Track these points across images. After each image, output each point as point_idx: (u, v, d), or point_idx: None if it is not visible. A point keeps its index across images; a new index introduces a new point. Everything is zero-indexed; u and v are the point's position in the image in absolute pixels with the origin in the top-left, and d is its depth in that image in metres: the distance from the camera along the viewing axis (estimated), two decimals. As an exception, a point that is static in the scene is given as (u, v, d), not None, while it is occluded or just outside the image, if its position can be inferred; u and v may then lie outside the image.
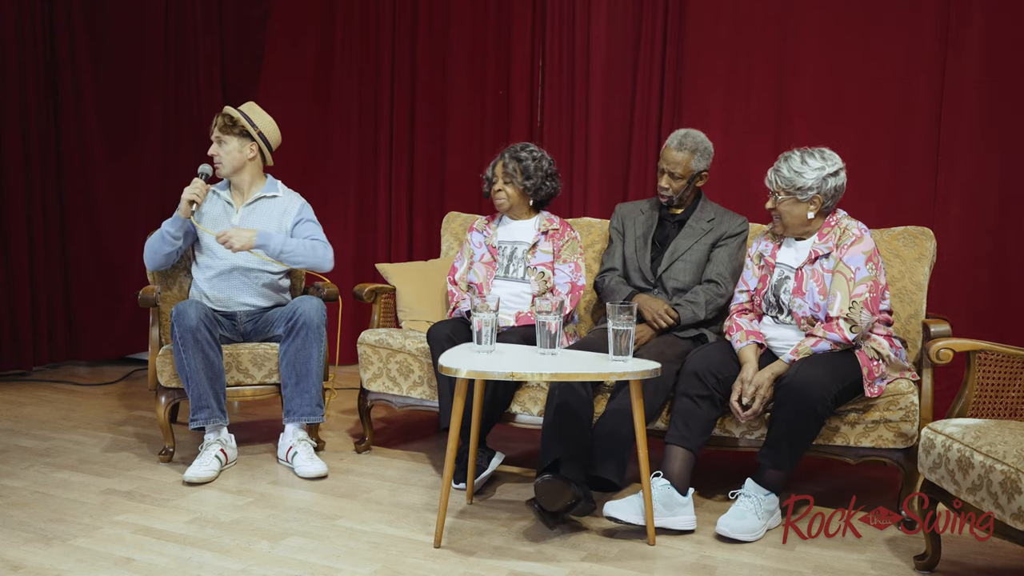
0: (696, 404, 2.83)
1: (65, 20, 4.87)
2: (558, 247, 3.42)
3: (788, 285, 2.91)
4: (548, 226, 3.45)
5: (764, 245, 3.04)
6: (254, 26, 5.41)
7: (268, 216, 3.51)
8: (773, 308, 2.96)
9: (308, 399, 3.32)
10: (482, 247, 3.52)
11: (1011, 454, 2.12)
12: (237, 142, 3.45)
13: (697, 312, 3.19)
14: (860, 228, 2.86)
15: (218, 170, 3.48)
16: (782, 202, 2.87)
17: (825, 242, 2.86)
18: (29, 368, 4.84)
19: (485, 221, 3.60)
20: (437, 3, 4.98)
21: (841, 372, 2.74)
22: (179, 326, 3.19)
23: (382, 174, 5.16)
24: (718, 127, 4.23)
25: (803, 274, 2.87)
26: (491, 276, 3.45)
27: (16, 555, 2.51)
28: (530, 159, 3.41)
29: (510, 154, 3.44)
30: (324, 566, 2.48)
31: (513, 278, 3.43)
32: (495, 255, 3.48)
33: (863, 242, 2.82)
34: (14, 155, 4.69)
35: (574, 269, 3.40)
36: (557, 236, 3.44)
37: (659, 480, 2.75)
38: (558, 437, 2.84)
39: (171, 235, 3.41)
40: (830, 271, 2.83)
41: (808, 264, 2.87)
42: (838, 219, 2.90)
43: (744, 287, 3.08)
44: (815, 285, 2.84)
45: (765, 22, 4.16)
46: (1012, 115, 3.76)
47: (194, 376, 3.21)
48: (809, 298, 2.84)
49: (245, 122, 3.44)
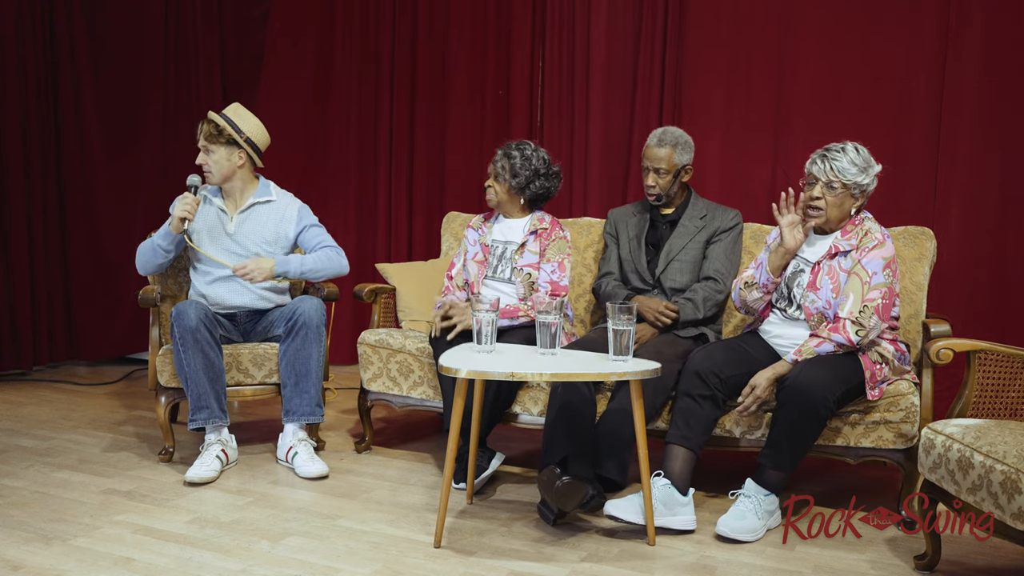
0: (698, 404, 2.82)
1: (65, 20, 4.87)
2: (544, 246, 3.40)
3: (803, 279, 2.90)
4: (538, 225, 3.43)
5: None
6: (254, 26, 5.40)
7: (264, 223, 3.47)
8: (783, 299, 2.95)
9: (307, 399, 3.32)
10: (476, 245, 3.52)
11: (1011, 454, 2.12)
12: (225, 150, 3.39)
13: (696, 309, 3.19)
14: (883, 233, 2.84)
15: (208, 179, 3.44)
16: (837, 194, 2.82)
17: (848, 239, 2.84)
18: (29, 368, 4.85)
19: (482, 219, 3.60)
20: (437, 3, 4.97)
21: (844, 374, 2.73)
22: (179, 326, 3.18)
23: (382, 174, 5.16)
24: (718, 127, 4.23)
25: (819, 269, 2.86)
26: (482, 275, 3.45)
27: (16, 555, 2.51)
28: (519, 157, 3.38)
29: (503, 151, 3.42)
30: (324, 566, 2.48)
31: (500, 278, 3.41)
32: (487, 254, 3.48)
33: (884, 248, 2.80)
34: (14, 155, 4.69)
35: (556, 269, 3.36)
36: (545, 235, 3.42)
37: (660, 480, 2.75)
38: (565, 435, 2.84)
39: (163, 248, 3.39)
40: (847, 271, 2.82)
41: (826, 259, 2.86)
42: (862, 219, 2.88)
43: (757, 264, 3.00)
44: (829, 282, 2.83)
45: (765, 22, 4.15)
46: (1012, 115, 3.76)
47: (194, 376, 3.20)
48: (822, 294, 2.84)
49: (231, 130, 3.38)
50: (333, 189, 5.23)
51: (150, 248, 3.41)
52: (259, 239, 3.46)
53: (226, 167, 3.41)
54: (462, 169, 4.96)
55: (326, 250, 3.46)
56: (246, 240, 3.45)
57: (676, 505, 2.73)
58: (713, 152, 4.17)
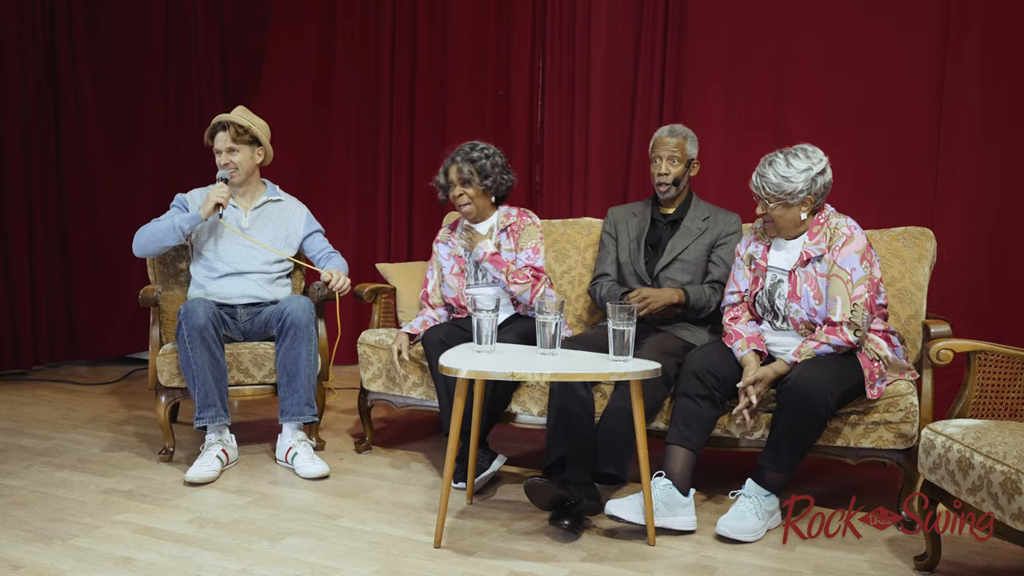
0: (696, 404, 2.82)
1: (65, 20, 4.87)
2: (516, 239, 3.39)
3: (782, 289, 2.90)
4: (506, 222, 3.40)
5: (754, 247, 3.00)
6: (254, 26, 5.40)
7: (277, 221, 3.61)
8: (769, 313, 2.95)
9: (298, 399, 3.34)
10: (450, 259, 3.48)
11: (1011, 455, 2.12)
12: (249, 150, 3.53)
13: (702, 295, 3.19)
14: (850, 226, 2.82)
15: (233, 178, 3.52)
16: (774, 208, 2.84)
17: (816, 243, 2.84)
18: (29, 368, 4.85)
19: (447, 231, 3.55)
20: (437, 3, 4.98)
21: (843, 375, 2.73)
22: (187, 324, 3.20)
23: (382, 174, 5.16)
24: (718, 127, 4.24)
25: (796, 277, 2.86)
26: (463, 287, 3.42)
27: (16, 555, 2.51)
28: (483, 157, 3.34)
29: (462, 156, 3.35)
30: (324, 566, 2.48)
31: (484, 284, 3.39)
32: (463, 265, 3.45)
33: (855, 241, 2.79)
34: (14, 155, 4.69)
35: (531, 253, 3.34)
36: (515, 228, 3.40)
37: (661, 480, 2.74)
38: (562, 439, 2.85)
39: (183, 232, 3.44)
40: (824, 275, 2.81)
41: (800, 266, 2.86)
42: (827, 216, 2.87)
43: (735, 288, 3.05)
44: (809, 289, 2.83)
45: (765, 22, 4.16)
46: (1012, 115, 3.76)
47: (200, 375, 3.22)
48: (805, 302, 2.84)
49: (257, 130, 3.52)
50: (333, 189, 5.23)
51: (167, 228, 3.44)
52: (271, 236, 3.58)
53: (250, 165, 3.56)
54: (462, 169, 4.96)
55: (339, 257, 3.67)
56: (259, 236, 3.55)
57: (677, 505, 2.73)
58: (713, 152, 4.16)
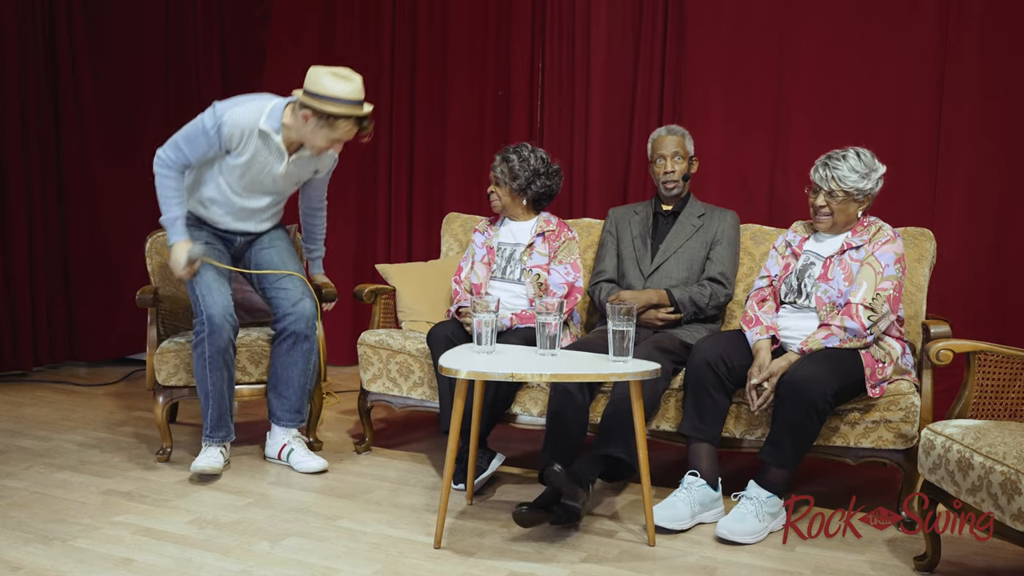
0: (709, 395, 2.87)
1: (65, 20, 4.87)
2: (554, 248, 3.42)
3: (814, 271, 2.94)
4: (545, 227, 3.45)
5: (792, 236, 3.07)
6: (254, 26, 5.40)
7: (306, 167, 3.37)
8: (793, 292, 2.97)
9: (288, 405, 3.36)
10: (483, 248, 3.54)
11: (1011, 455, 2.12)
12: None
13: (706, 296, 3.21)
14: (894, 232, 2.91)
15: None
16: (840, 201, 2.88)
17: (859, 236, 2.90)
18: (29, 368, 4.84)
19: (488, 222, 3.62)
20: (437, 3, 4.97)
21: (842, 369, 2.74)
22: (211, 345, 3.15)
23: (382, 175, 5.16)
24: (718, 127, 4.23)
25: (831, 262, 2.91)
26: (488, 277, 3.45)
27: (16, 555, 2.51)
28: (517, 159, 3.41)
29: (500, 156, 3.47)
30: (324, 566, 2.48)
31: (510, 279, 3.43)
32: (493, 257, 3.49)
33: (895, 243, 2.87)
34: (14, 155, 4.68)
35: (570, 270, 3.39)
36: (553, 237, 3.44)
37: (696, 480, 2.81)
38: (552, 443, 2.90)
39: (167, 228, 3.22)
40: (859, 261, 2.87)
41: (838, 255, 2.91)
42: (872, 220, 2.95)
43: (766, 273, 3.09)
44: (841, 272, 2.87)
45: (765, 22, 4.15)
46: (1012, 115, 3.76)
47: (216, 395, 3.21)
48: (835, 284, 2.87)
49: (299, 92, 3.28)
50: (333, 189, 5.18)
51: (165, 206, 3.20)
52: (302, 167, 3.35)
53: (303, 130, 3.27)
54: (462, 169, 4.96)
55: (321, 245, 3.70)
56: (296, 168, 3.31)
57: (709, 501, 2.81)
58: (713, 152, 4.17)
